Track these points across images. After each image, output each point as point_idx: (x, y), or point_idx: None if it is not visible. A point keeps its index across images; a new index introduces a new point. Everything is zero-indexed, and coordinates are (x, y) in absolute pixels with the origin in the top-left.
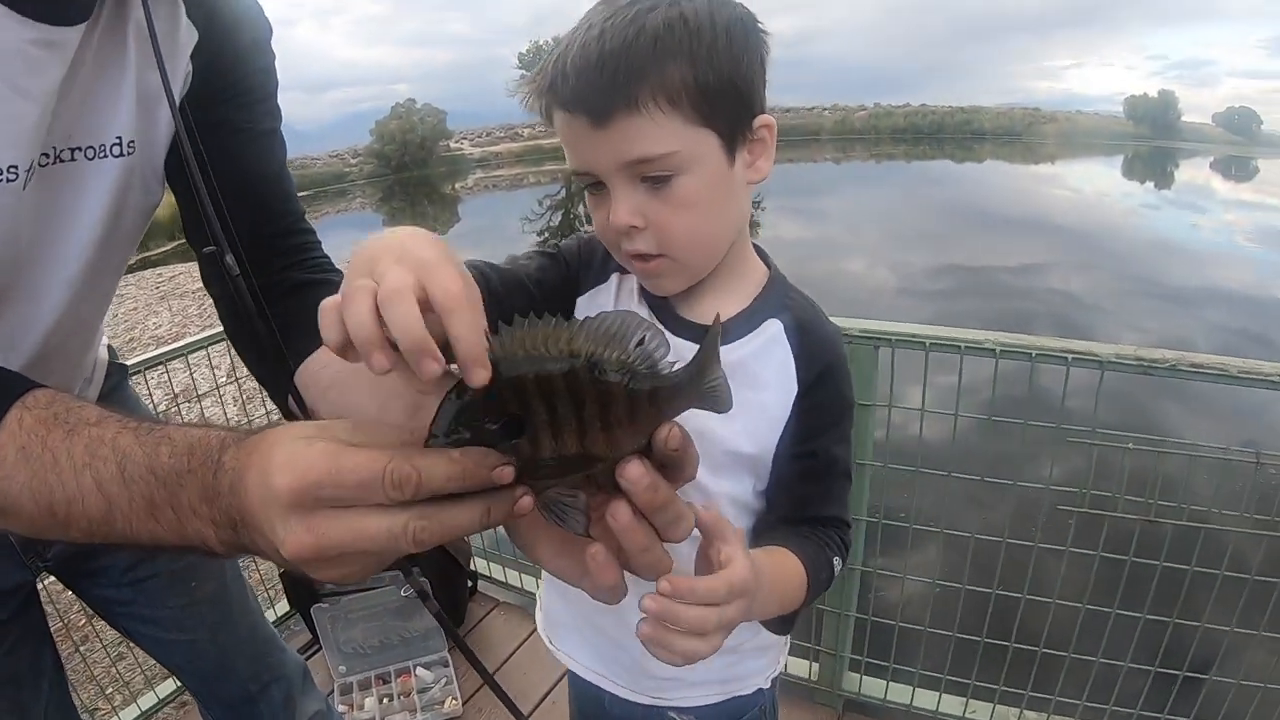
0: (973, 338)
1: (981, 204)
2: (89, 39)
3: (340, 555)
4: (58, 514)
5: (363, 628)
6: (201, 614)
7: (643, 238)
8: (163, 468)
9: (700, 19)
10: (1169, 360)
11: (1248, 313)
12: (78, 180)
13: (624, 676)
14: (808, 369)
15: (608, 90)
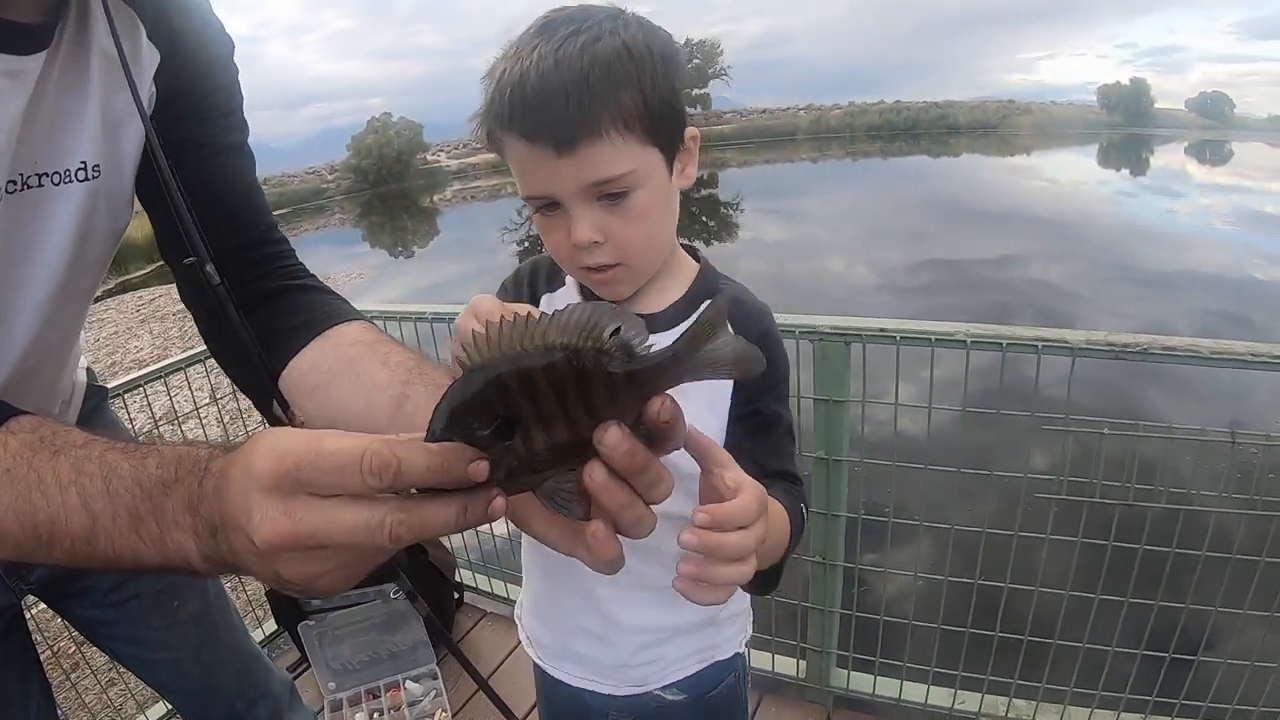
0: (943, 330)
1: (959, 198)
2: (50, 66)
3: (315, 548)
4: (41, 535)
5: (350, 643)
6: (185, 633)
7: (603, 251)
8: (149, 479)
9: (640, 47)
10: (1140, 344)
11: (1226, 294)
12: (44, 206)
13: (610, 674)
14: (744, 335)
15: (574, 120)
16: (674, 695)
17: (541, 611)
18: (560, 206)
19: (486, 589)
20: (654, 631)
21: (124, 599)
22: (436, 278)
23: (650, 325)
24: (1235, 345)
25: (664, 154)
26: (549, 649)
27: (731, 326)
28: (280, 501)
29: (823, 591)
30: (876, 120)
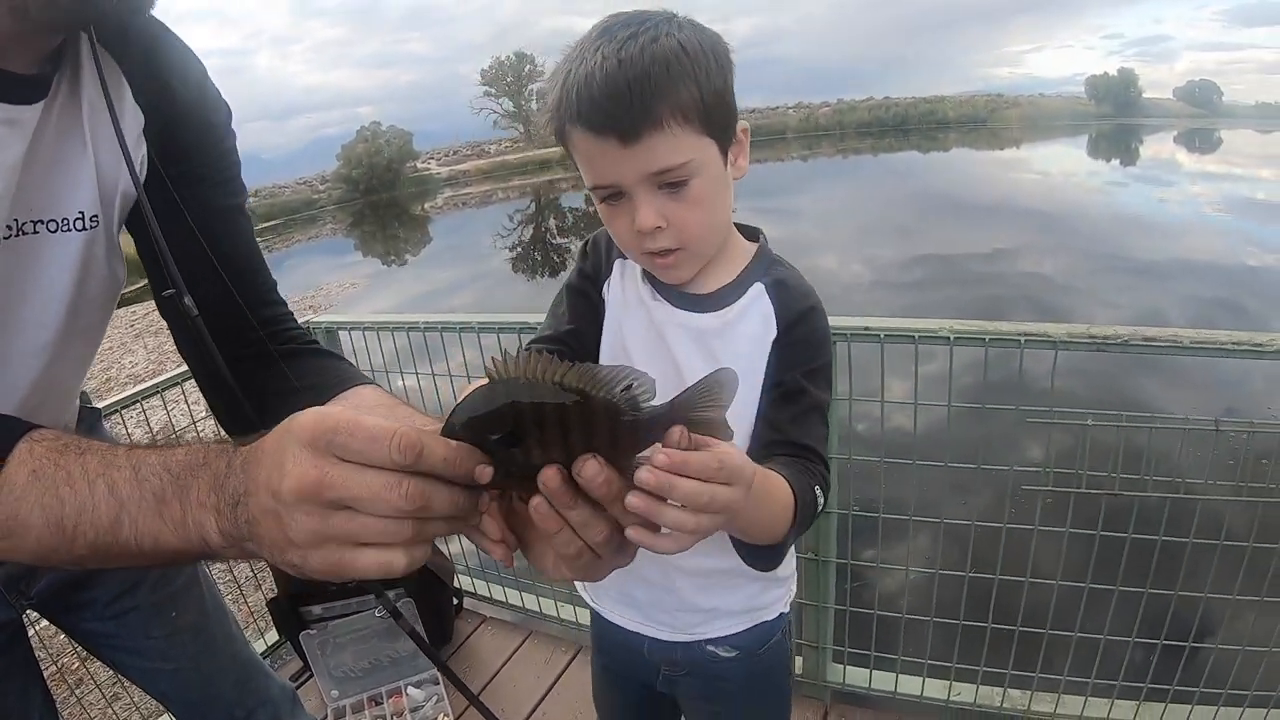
0: (926, 327)
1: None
2: (48, 115)
3: (332, 505)
4: (66, 528)
5: (352, 651)
6: (184, 643)
7: (664, 236)
8: (177, 464)
9: (694, 46)
10: (1121, 336)
11: (1219, 281)
12: (41, 253)
13: (665, 619)
14: (785, 315)
15: (637, 113)
16: (726, 652)
17: None
18: (624, 195)
19: (486, 594)
20: (709, 574)
21: (123, 611)
22: (430, 285)
23: (700, 305)
24: (1217, 334)
25: (719, 144)
26: (608, 590)
27: (781, 301)
28: (314, 455)
29: (816, 588)
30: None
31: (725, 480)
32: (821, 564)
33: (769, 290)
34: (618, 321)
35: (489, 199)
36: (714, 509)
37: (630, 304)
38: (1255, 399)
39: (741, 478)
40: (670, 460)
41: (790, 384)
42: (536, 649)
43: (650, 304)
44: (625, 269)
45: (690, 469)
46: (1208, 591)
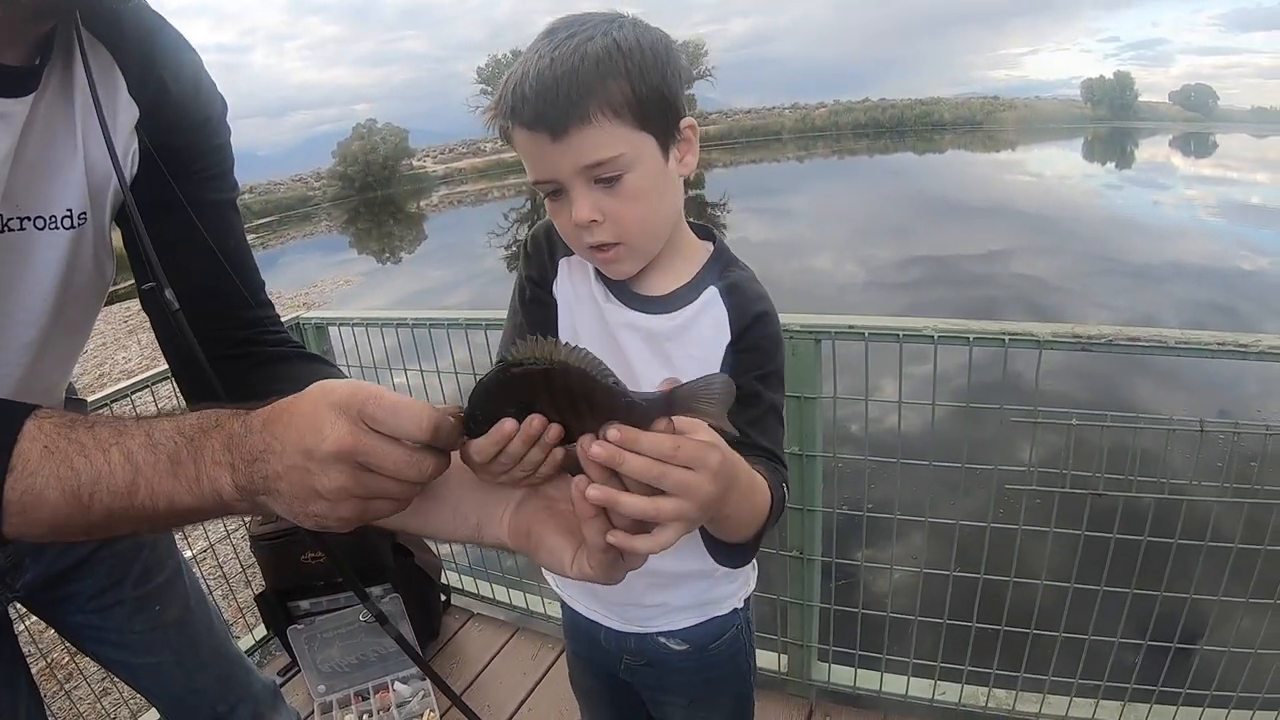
0: (910, 325)
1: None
2: (36, 110)
3: (362, 467)
4: (82, 497)
5: (339, 646)
6: (167, 638)
7: (601, 230)
8: (190, 427)
9: (629, 43)
10: (1106, 335)
11: (1213, 285)
12: (27, 250)
13: (617, 611)
14: (739, 320)
15: (564, 108)
16: (677, 645)
17: None
18: (564, 191)
19: (473, 591)
20: (655, 575)
21: (107, 605)
22: (425, 283)
23: (653, 306)
24: (1201, 334)
25: (657, 140)
26: (571, 582)
27: (735, 306)
28: (349, 422)
29: (801, 586)
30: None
31: (685, 464)
32: (807, 562)
33: (723, 294)
34: (570, 319)
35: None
36: (673, 491)
37: (583, 300)
38: (1248, 401)
39: (706, 465)
40: (622, 436)
41: (746, 388)
42: (523, 645)
43: (603, 304)
44: (573, 266)
45: (641, 446)
46: (1193, 592)
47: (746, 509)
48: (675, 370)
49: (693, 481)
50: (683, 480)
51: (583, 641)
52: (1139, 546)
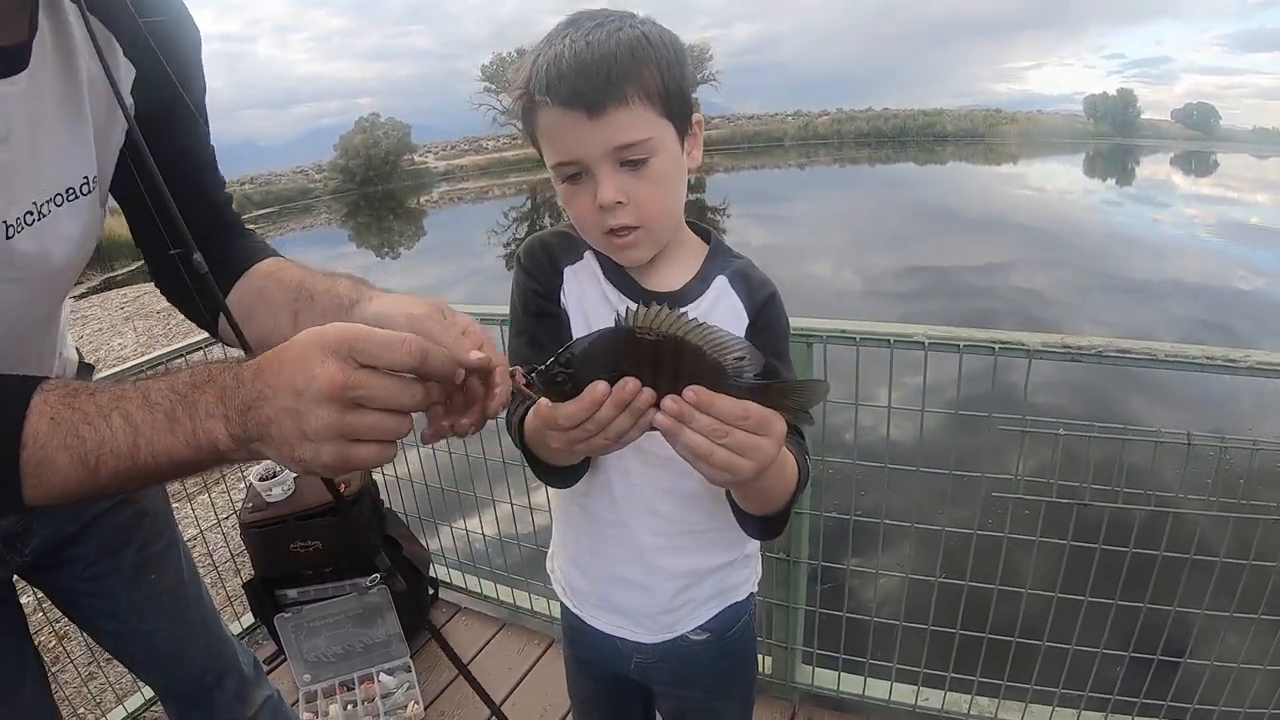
0: (901, 331)
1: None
2: (36, 84)
3: (354, 405)
4: (90, 462)
5: (326, 636)
6: (161, 605)
7: (625, 212)
8: (183, 384)
9: (656, 37)
10: (1096, 347)
11: (1209, 303)
12: (55, 229)
13: (648, 622)
14: (752, 304)
15: (603, 87)
16: (699, 635)
17: (581, 562)
18: (585, 174)
19: (461, 585)
20: (689, 575)
21: (104, 573)
22: (422, 280)
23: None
24: (1189, 349)
25: (677, 130)
26: (586, 597)
27: (747, 291)
28: (339, 360)
29: (787, 589)
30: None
31: (754, 429)
32: (793, 565)
33: (732, 282)
34: (585, 324)
35: (485, 195)
36: (734, 446)
37: (594, 304)
38: (1241, 418)
39: (774, 432)
40: (698, 397)
41: (767, 365)
42: (510, 640)
43: (618, 305)
44: (579, 274)
45: (716, 409)
46: (1176, 605)
47: (780, 481)
48: None
49: (755, 444)
50: (744, 442)
51: (588, 645)
52: (1124, 558)
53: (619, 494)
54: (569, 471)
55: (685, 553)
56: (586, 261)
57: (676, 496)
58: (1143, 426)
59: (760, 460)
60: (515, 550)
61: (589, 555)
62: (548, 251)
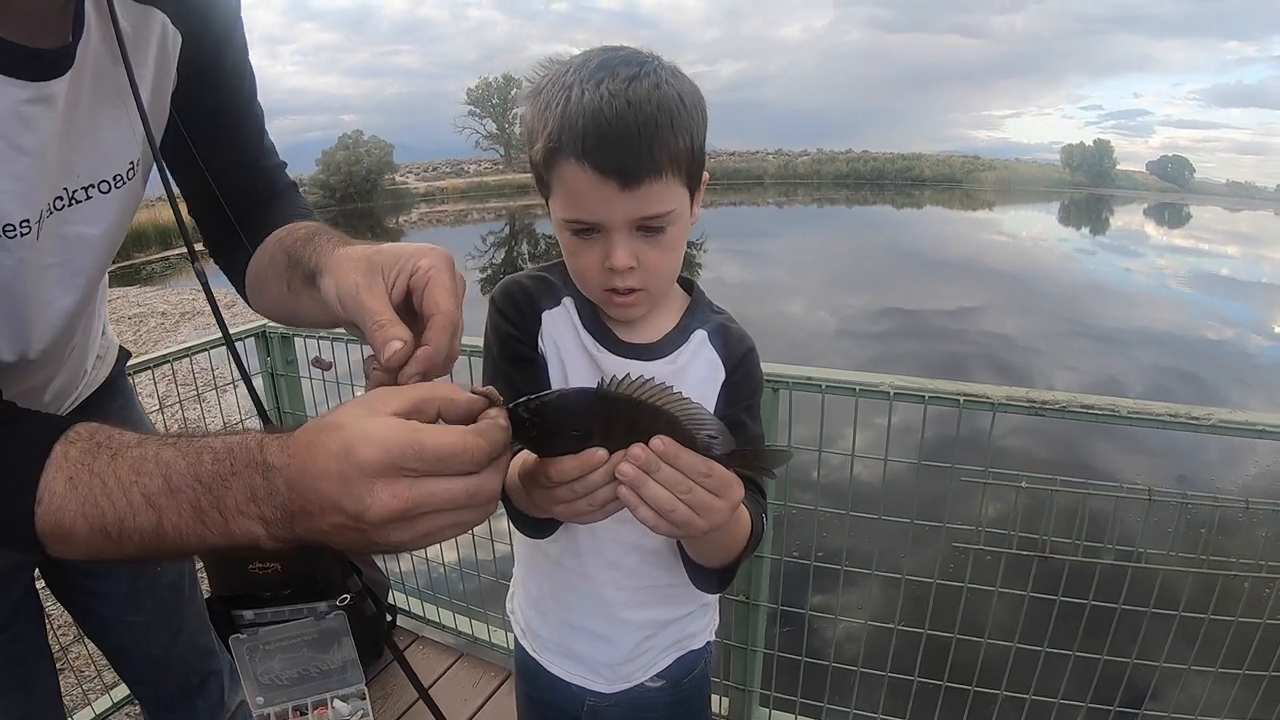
0: (867, 380)
1: (921, 248)
2: (79, 81)
3: (421, 514)
4: (111, 534)
5: (281, 659)
6: (161, 598)
7: (633, 276)
8: (207, 474)
9: (687, 98)
10: (1060, 402)
11: (1179, 352)
12: (95, 214)
13: (608, 672)
14: (729, 358)
15: (644, 160)
16: (655, 683)
17: (542, 607)
18: (599, 232)
19: (420, 613)
20: (650, 626)
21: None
22: None
23: (647, 354)
24: (1152, 405)
25: (690, 194)
26: (545, 642)
27: (725, 345)
28: (388, 485)
29: (746, 631)
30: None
31: (714, 490)
32: (753, 607)
33: (711, 337)
34: (562, 371)
35: (464, 218)
36: (694, 507)
37: (571, 351)
38: (1208, 468)
39: (731, 496)
40: (665, 448)
41: (732, 420)
42: (466, 672)
43: (596, 354)
44: (556, 319)
45: (681, 463)
46: (1135, 656)
47: (731, 540)
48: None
49: (713, 505)
50: (704, 501)
51: (541, 687)
52: (1083, 609)
53: (584, 547)
54: (545, 523)
55: (648, 606)
56: (564, 307)
57: (642, 552)
58: (1105, 481)
59: (713, 521)
60: (475, 579)
61: (550, 602)
62: (526, 294)
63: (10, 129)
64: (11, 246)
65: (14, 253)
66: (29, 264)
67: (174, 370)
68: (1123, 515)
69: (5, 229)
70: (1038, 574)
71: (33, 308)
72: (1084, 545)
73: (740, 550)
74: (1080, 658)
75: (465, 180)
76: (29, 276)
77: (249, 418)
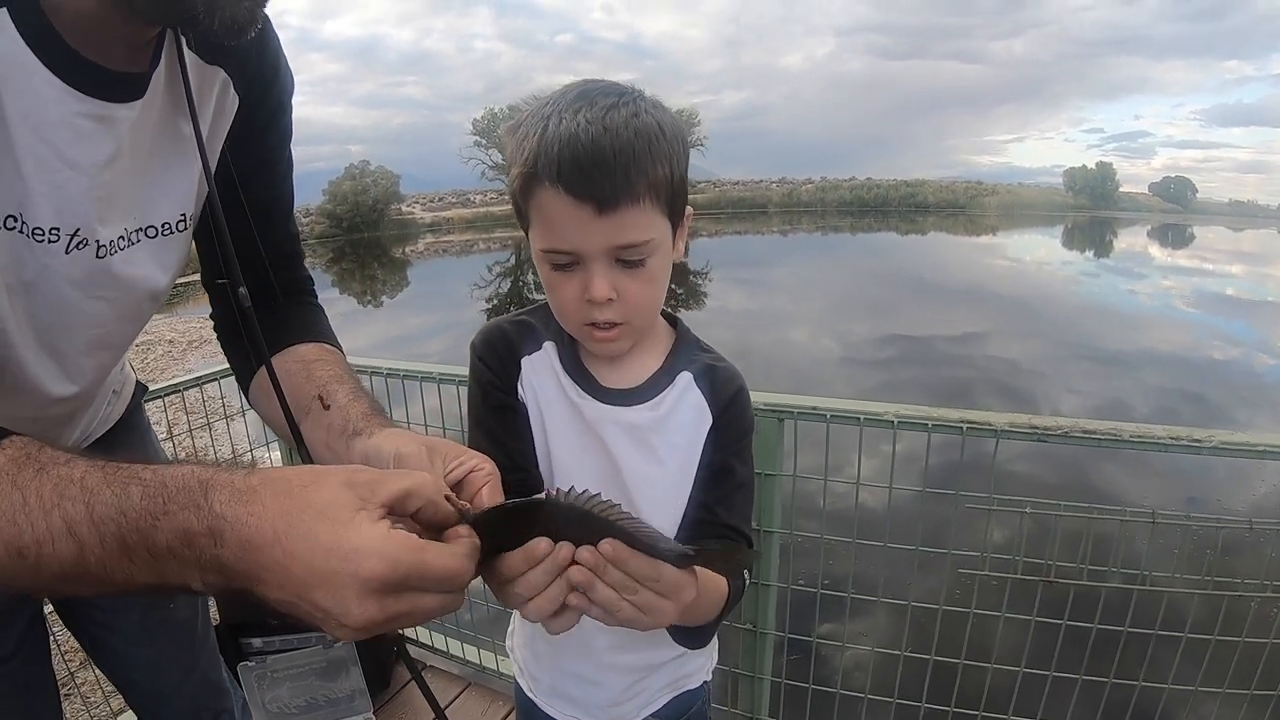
0: (871, 409)
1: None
2: (146, 116)
3: (399, 620)
4: (27, 557)
5: (289, 687)
6: (173, 633)
7: (613, 309)
8: (134, 509)
9: (667, 127)
10: (1062, 428)
11: (1184, 373)
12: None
13: (600, 714)
14: (716, 401)
15: (620, 184)
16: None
17: (537, 650)
18: (578, 264)
19: (427, 642)
20: (641, 670)
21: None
22: (403, 329)
23: (630, 398)
24: (1155, 429)
25: (672, 226)
26: (542, 684)
27: (712, 388)
28: (379, 600)
29: (753, 659)
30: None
31: (662, 592)
32: (759, 635)
33: (698, 379)
34: (541, 420)
35: (470, 248)
36: (638, 603)
37: (552, 400)
38: (1218, 489)
39: (681, 598)
40: (614, 552)
41: (719, 464)
42: (473, 701)
43: (578, 401)
44: (537, 365)
45: (630, 568)
46: (1142, 679)
47: (697, 613)
48: (659, 459)
49: (658, 606)
50: (650, 602)
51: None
52: (1089, 633)
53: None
54: None
55: (636, 649)
56: (545, 352)
57: None
58: (1109, 505)
59: (659, 621)
60: (483, 608)
61: (542, 644)
62: (506, 341)
63: (60, 137)
64: (38, 250)
65: (40, 257)
66: (54, 273)
67: (184, 399)
68: (1128, 538)
69: (35, 231)
70: (1043, 599)
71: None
72: (1089, 569)
73: (717, 613)
74: (1087, 681)
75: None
76: (55, 284)
77: (258, 447)
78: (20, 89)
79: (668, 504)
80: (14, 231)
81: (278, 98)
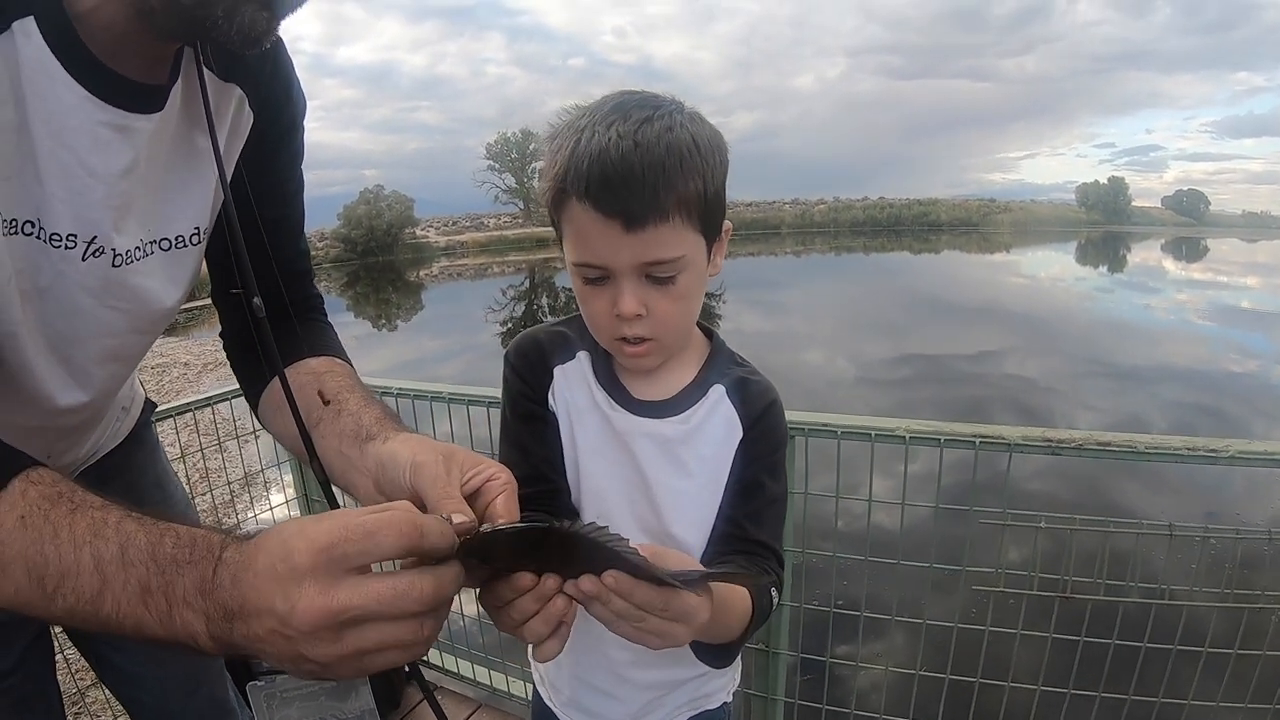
0: (882, 425)
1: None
2: (163, 129)
3: (347, 624)
4: (47, 586)
5: (299, 706)
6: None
7: (642, 324)
8: (164, 556)
9: (702, 142)
10: (1076, 440)
11: (1201, 387)
12: (163, 269)
13: None
14: (748, 415)
15: (648, 201)
16: None
17: (558, 661)
18: (608, 278)
19: (439, 664)
20: (660, 687)
21: None
22: (418, 352)
23: (662, 411)
24: (1171, 440)
25: (707, 242)
26: (563, 696)
27: (744, 401)
28: (317, 582)
29: (766, 680)
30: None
31: (673, 618)
32: (772, 656)
33: (730, 392)
34: (570, 430)
35: (484, 272)
36: (647, 629)
37: (582, 410)
38: (1237, 502)
39: (693, 621)
40: (617, 584)
41: (749, 479)
42: None
43: (610, 413)
44: (569, 374)
45: (635, 599)
46: (1162, 695)
47: (722, 624)
48: (688, 472)
49: (669, 630)
50: (659, 628)
51: None
52: (1108, 649)
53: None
54: None
55: (656, 666)
56: (579, 362)
57: None
58: (1125, 519)
59: (671, 643)
60: (495, 630)
61: (564, 655)
62: (539, 349)
63: (80, 144)
64: (54, 256)
65: (56, 264)
66: (69, 280)
67: (196, 419)
68: (1146, 553)
69: (52, 237)
70: (1060, 615)
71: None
72: (1106, 584)
73: (741, 630)
74: (1106, 698)
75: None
76: (69, 292)
77: (269, 467)
78: (44, 94)
79: (696, 518)
80: (31, 237)
81: (291, 117)
